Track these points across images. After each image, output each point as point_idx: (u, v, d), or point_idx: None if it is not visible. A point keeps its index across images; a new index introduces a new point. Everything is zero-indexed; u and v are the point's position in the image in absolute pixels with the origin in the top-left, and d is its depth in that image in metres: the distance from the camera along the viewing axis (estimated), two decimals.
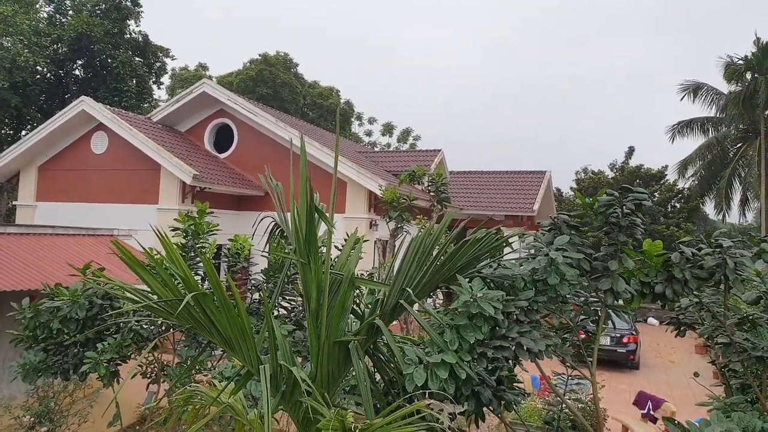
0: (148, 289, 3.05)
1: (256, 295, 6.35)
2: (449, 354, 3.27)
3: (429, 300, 8.06)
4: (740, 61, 25.04)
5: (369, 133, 45.18)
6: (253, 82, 36.03)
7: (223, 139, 17.55)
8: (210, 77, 36.55)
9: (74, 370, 5.35)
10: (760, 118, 24.96)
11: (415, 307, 3.53)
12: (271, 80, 36.04)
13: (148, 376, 6.27)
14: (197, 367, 5.50)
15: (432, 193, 12.16)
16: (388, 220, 10.69)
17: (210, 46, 76.46)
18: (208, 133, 17.58)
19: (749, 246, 4.03)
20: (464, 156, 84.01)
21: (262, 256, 5.85)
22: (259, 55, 37.53)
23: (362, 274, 5.86)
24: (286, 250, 5.00)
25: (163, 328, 5.64)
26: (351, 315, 4.21)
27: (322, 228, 3.48)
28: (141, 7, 28.26)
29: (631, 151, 31.81)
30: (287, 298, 6.23)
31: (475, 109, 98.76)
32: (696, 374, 5.56)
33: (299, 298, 5.93)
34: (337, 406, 3.46)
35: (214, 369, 5.60)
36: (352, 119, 42.75)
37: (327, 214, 3.50)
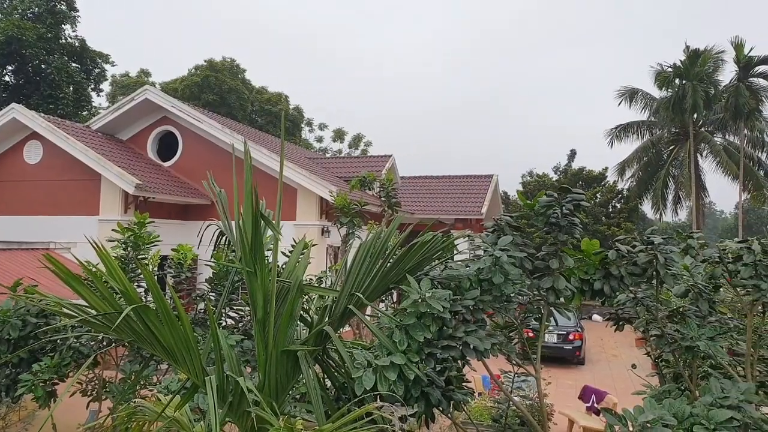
0: (87, 304, 2.95)
1: (201, 306, 6.21)
2: (398, 356, 3.30)
3: (382, 305, 8.09)
4: (669, 69, 26.40)
5: (320, 140, 45.00)
6: (199, 89, 35.28)
7: (167, 147, 17.10)
8: (153, 84, 35.57)
9: (6, 393, 5.08)
10: (688, 121, 26.36)
11: (370, 311, 3.54)
12: (218, 86, 35.39)
13: (88, 394, 6.02)
14: (142, 383, 5.34)
15: (383, 198, 12.22)
16: (339, 226, 10.67)
17: (153, 53, 74.43)
18: (152, 141, 17.09)
19: (677, 242, 4.25)
20: (415, 161, 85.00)
21: (206, 265, 5.74)
22: (205, 61, 36.82)
23: (311, 280, 5.87)
24: (231, 258, 4.93)
25: (105, 343, 5.45)
26: (300, 322, 4.20)
27: (271, 235, 3.46)
28: (77, 11, 27.26)
29: (573, 154, 32.94)
30: (235, 307, 6.13)
31: (426, 114, 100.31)
32: (633, 366, 5.79)
33: (248, 308, 5.85)
34: (286, 414, 3.44)
35: (160, 383, 5.45)
36: (302, 125, 42.44)
37: (274, 221, 3.48)
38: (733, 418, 3.29)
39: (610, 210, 28.72)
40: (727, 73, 26.30)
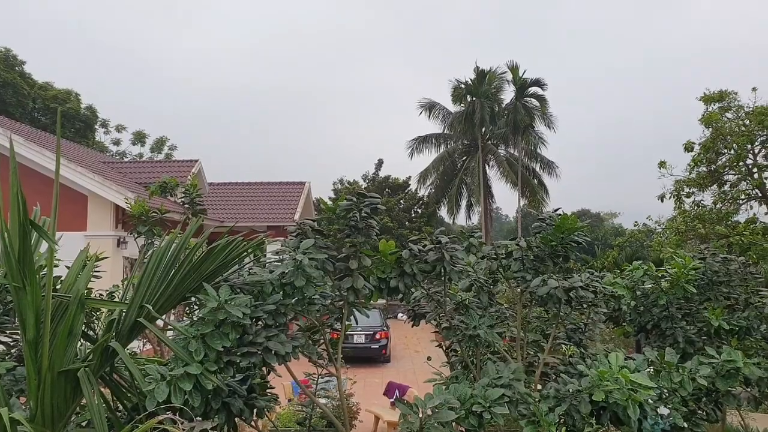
0: None
1: None
2: (193, 366, 3.17)
3: (187, 319, 7.65)
4: (462, 85, 29.34)
5: (117, 142, 41.03)
6: None
7: None
8: None
9: None
10: (478, 134, 29.55)
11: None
12: None
13: None
14: None
15: (186, 205, 11.58)
16: (136, 236, 9.85)
17: None
18: None
19: (461, 241, 4.73)
20: (228, 168, 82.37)
21: None
22: None
23: (101, 294, 5.35)
24: None
25: None
26: (85, 340, 3.82)
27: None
28: None
29: (380, 164, 34.74)
30: (8, 331, 5.32)
31: (241, 121, 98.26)
32: (429, 358, 6.29)
33: None
34: None
35: None
36: (96, 126, 38.36)
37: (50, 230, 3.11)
38: (504, 394, 3.77)
39: (413, 215, 30.88)
40: (509, 93, 30.22)
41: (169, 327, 5.63)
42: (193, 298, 3.88)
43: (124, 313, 3.36)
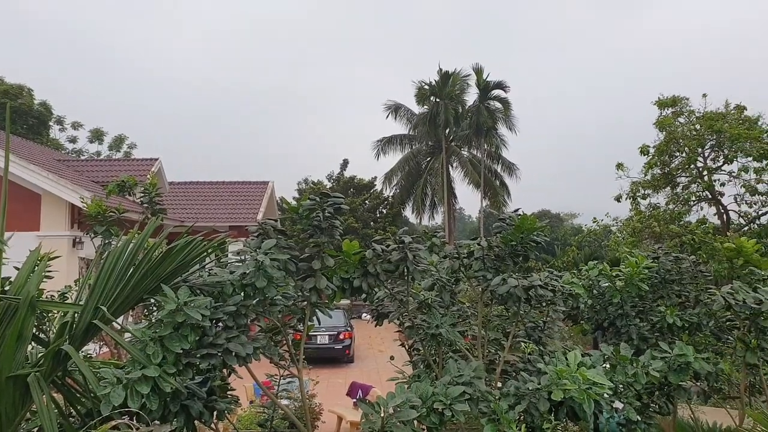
0: None
1: None
2: (151, 368, 3.10)
3: (145, 321, 7.49)
4: (426, 86, 29.58)
5: (74, 140, 39.77)
6: None
7: None
8: None
9: None
10: (442, 136, 29.83)
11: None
12: None
13: None
14: None
15: (146, 205, 11.33)
16: (92, 236, 9.58)
17: None
18: None
19: (424, 241, 4.77)
20: (191, 167, 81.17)
21: None
22: None
23: (53, 296, 5.19)
24: None
25: None
26: (36, 344, 3.70)
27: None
28: None
29: (345, 164, 34.68)
30: None
31: (205, 119, 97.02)
32: (392, 358, 6.32)
33: None
34: None
35: None
36: (51, 123, 37.06)
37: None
38: (465, 392, 3.81)
39: (378, 215, 30.93)
40: (473, 95, 30.69)
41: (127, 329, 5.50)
42: (152, 300, 3.81)
43: (77, 316, 3.27)
